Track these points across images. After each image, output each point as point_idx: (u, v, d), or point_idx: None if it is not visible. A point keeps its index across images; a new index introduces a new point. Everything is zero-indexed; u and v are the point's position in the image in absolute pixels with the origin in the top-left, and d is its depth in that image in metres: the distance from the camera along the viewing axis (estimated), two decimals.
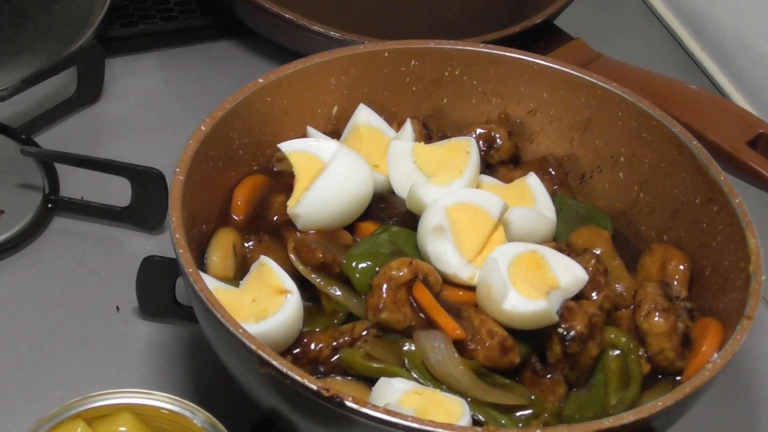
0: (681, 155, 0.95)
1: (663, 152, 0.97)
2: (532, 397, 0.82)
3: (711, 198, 0.92)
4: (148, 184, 1.01)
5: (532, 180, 0.95)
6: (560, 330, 0.82)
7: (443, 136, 1.00)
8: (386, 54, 1.01)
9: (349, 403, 0.72)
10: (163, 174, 1.01)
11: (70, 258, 1.02)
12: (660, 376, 0.87)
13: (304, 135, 0.97)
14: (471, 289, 0.86)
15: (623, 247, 0.96)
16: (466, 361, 0.81)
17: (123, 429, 0.76)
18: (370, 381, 0.82)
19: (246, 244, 0.90)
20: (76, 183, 1.07)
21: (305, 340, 0.84)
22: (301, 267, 0.86)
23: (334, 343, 0.83)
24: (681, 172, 0.95)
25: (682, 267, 0.92)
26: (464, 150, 0.93)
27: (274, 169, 0.97)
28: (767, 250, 0.88)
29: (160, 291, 0.94)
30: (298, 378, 0.73)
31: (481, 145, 0.99)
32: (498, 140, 1.01)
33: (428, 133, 1.00)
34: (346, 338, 0.83)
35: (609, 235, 0.95)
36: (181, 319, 0.96)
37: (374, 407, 0.72)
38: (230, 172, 0.94)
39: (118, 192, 1.03)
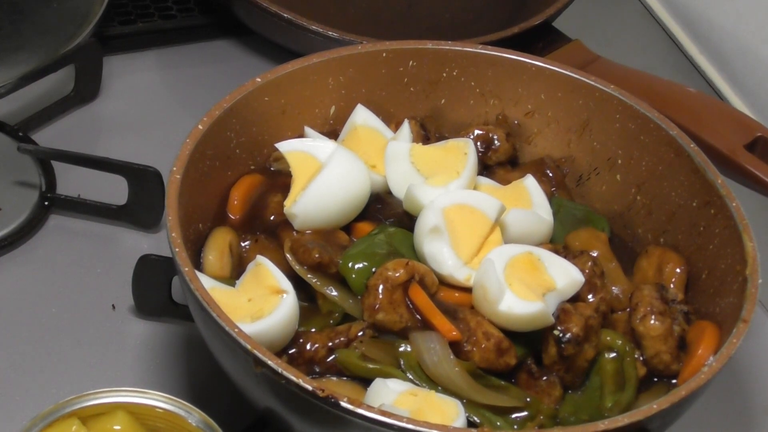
0: (678, 158, 0.95)
1: (660, 155, 0.97)
2: (528, 399, 0.82)
3: (708, 201, 0.92)
4: (144, 183, 1.01)
5: (530, 182, 0.95)
6: (556, 332, 0.82)
7: (441, 137, 1.00)
8: (384, 54, 1.01)
9: (344, 404, 0.72)
10: (160, 172, 1.00)
11: (66, 256, 1.02)
12: (656, 379, 0.87)
13: (301, 135, 0.97)
14: (467, 290, 0.85)
15: (620, 249, 0.96)
16: (461, 363, 0.81)
17: (118, 428, 0.76)
18: (365, 382, 0.81)
19: (242, 244, 0.90)
20: (72, 181, 1.06)
21: (301, 341, 0.83)
22: (297, 267, 0.86)
23: (330, 344, 0.83)
24: (678, 174, 0.95)
25: (678, 270, 0.92)
26: (462, 151, 0.93)
27: (271, 169, 0.96)
28: (764, 253, 0.88)
29: (156, 290, 0.94)
30: (294, 378, 0.73)
31: (479, 147, 0.99)
32: (496, 141, 1.01)
33: (426, 134, 1.00)
34: (342, 339, 0.83)
35: (606, 237, 0.95)
36: (176, 317, 0.96)
37: (369, 408, 0.72)
38: (227, 171, 0.94)
39: (114, 190, 1.03)
